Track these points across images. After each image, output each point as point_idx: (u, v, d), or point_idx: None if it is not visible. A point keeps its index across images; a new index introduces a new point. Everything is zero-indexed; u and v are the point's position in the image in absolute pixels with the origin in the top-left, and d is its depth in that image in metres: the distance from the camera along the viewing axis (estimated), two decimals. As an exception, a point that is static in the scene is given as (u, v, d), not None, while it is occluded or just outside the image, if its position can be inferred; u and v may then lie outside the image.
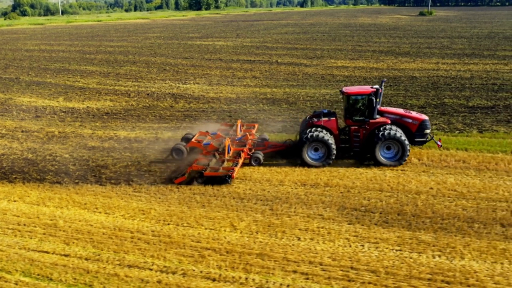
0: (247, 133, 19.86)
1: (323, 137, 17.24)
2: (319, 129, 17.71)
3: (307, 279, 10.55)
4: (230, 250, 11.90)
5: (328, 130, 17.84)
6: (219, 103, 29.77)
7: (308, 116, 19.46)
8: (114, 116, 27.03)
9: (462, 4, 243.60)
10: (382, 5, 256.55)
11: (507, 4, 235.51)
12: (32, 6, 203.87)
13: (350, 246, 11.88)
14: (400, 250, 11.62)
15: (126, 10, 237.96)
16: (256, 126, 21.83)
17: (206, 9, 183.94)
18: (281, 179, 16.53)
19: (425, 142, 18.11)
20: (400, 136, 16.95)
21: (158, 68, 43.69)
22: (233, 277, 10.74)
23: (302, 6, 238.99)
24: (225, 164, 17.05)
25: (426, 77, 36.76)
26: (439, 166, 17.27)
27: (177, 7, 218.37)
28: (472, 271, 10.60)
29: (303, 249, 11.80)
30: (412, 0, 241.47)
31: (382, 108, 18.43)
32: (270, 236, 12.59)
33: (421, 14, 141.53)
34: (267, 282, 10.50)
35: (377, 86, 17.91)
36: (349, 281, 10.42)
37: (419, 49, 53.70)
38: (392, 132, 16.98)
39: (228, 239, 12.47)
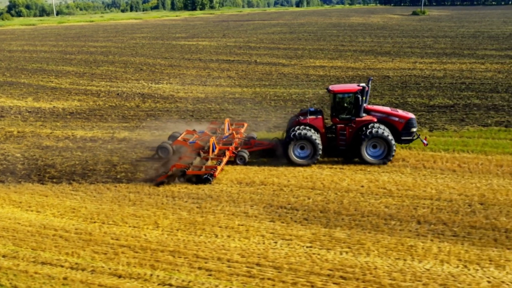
0: (234, 132, 19.87)
1: (310, 135, 17.21)
2: (306, 127, 17.70)
3: (210, 275, 10.70)
4: (145, 247, 12.06)
5: (314, 128, 17.82)
6: (185, 103, 29.93)
7: (295, 115, 19.40)
8: (77, 116, 27.19)
9: (458, 3, 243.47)
10: (378, 4, 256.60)
11: (502, 3, 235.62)
12: (27, 7, 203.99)
13: (264, 243, 12.03)
14: (311, 246, 11.77)
15: (122, 11, 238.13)
16: (246, 125, 21.87)
17: (200, 9, 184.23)
18: (220, 177, 16.68)
19: (411, 140, 18.07)
20: (386, 134, 16.93)
21: (135, 68, 43.86)
22: (139, 273, 10.89)
23: (298, 6, 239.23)
24: (209, 163, 17.06)
25: (398, 77, 36.92)
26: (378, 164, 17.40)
27: (173, 7, 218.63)
28: (373, 267, 10.75)
29: (216, 246, 11.95)
30: (408, 0, 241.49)
31: (369, 106, 18.37)
32: (190, 233, 12.75)
33: (414, 13, 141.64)
34: (170, 278, 10.65)
35: (363, 84, 17.84)
36: (250, 277, 10.57)
37: (400, 49, 53.83)
38: (379, 131, 16.97)
39: (147, 237, 12.63)
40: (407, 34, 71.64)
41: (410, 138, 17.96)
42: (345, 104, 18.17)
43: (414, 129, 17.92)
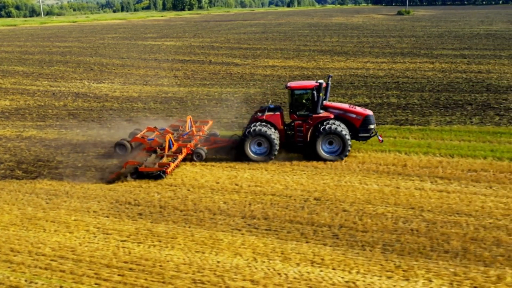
0: (193, 129, 19.85)
1: (265, 131, 17.29)
2: (262, 123, 17.76)
3: (9, 267, 11.03)
4: (-31, 241, 12.39)
5: (272, 125, 17.88)
6: (114, 102, 30.29)
7: (255, 112, 19.45)
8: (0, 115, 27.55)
9: (449, 3, 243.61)
10: (369, 4, 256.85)
11: (493, 3, 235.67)
12: (17, 8, 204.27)
13: (83, 238, 12.36)
14: (125, 241, 12.09)
15: (114, 11, 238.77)
16: (211, 122, 21.96)
17: (189, 9, 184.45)
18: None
19: (369, 137, 18.09)
20: (341, 130, 17.00)
21: (86, 68, 44.22)
22: None
23: (289, 6, 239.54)
24: (164, 160, 17.08)
25: (339, 76, 37.25)
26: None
27: (164, 7, 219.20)
28: (169, 259, 11.06)
29: (35, 241, 12.26)
30: (399, 0, 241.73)
31: (328, 103, 18.44)
32: (21, 228, 13.07)
33: (399, 13, 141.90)
34: (-31, 270, 10.99)
35: (321, 81, 17.86)
36: (45, 269, 10.89)
37: (360, 48, 54.13)
38: (333, 127, 17.04)
39: (-21, 231, 12.96)
40: (376, 34, 71.99)
41: (368, 135, 17.97)
42: (303, 101, 18.23)
43: (372, 126, 17.91)
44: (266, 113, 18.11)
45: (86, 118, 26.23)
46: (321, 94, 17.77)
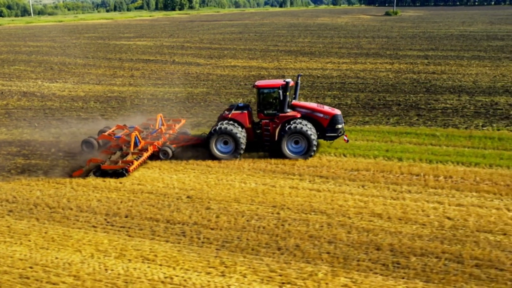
0: (162, 127, 19.64)
1: (231, 130, 17.22)
2: (229, 122, 17.66)
3: None
4: None
5: (238, 123, 17.78)
6: (56, 102, 30.48)
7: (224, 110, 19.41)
8: None
9: (442, 4, 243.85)
10: (362, 5, 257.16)
11: (485, 3, 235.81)
12: (9, 7, 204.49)
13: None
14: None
15: (108, 11, 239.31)
16: (183, 121, 21.81)
17: (179, 9, 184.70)
18: None
19: (336, 137, 17.94)
20: (306, 130, 16.92)
21: (46, 68, 44.43)
22: None
23: (281, 6, 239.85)
24: (129, 158, 16.99)
25: (292, 76, 37.41)
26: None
27: (157, 7, 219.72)
28: (6, 255, 11.24)
29: None
30: (392, 1, 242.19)
31: (296, 102, 18.41)
32: None
33: (387, 14, 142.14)
34: None
35: (288, 80, 17.77)
36: None
37: (329, 49, 54.32)
38: (298, 126, 16.98)
39: None
40: (351, 35, 72.26)
41: (335, 134, 17.82)
42: (271, 100, 18.09)
43: (340, 126, 17.77)
44: (233, 112, 18.00)
45: (19, 117, 26.43)
46: (288, 93, 17.60)
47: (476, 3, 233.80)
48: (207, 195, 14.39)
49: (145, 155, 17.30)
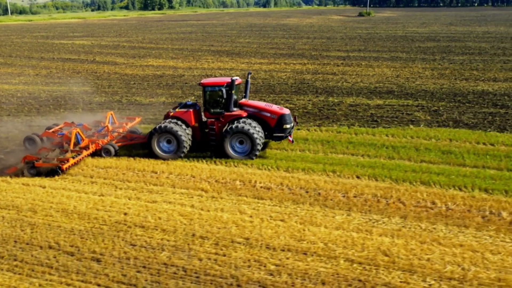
0: (108, 125, 19.08)
1: (172, 128, 16.67)
2: (173, 120, 17.21)
3: None
4: None
5: (183, 121, 17.27)
6: None
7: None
8: None
9: (425, 5, 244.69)
10: (348, 5, 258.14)
11: (468, 5, 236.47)
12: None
13: None
14: None
15: (92, 10, 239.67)
16: (138, 119, 21.26)
17: (159, 9, 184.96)
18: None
19: (284, 137, 17.39)
20: (249, 129, 16.44)
21: (-42, 66, 44.49)
22: None
23: (264, 6, 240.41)
24: (68, 155, 16.45)
25: (192, 76, 37.53)
26: None
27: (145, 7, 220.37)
28: None
29: None
30: (376, 2, 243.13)
31: (244, 101, 17.93)
32: None
33: (360, 14, 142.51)
34: None
35: (235, 78, 17.17)
36: None
37: (258, 49, 54.18)
38: (241, 125, 16.50)
39: None
40: (298, 35, 72.47)
41: (283, 134, 17.29)
42: (217, 98, 17.44)
43: (288, 126, 17.25)
44: (177, 110, 17.57)
45: None
46: (233, 92, 17.12)
47: (459, 5, 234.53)
48: None
49: (84, 153, 16.85)
